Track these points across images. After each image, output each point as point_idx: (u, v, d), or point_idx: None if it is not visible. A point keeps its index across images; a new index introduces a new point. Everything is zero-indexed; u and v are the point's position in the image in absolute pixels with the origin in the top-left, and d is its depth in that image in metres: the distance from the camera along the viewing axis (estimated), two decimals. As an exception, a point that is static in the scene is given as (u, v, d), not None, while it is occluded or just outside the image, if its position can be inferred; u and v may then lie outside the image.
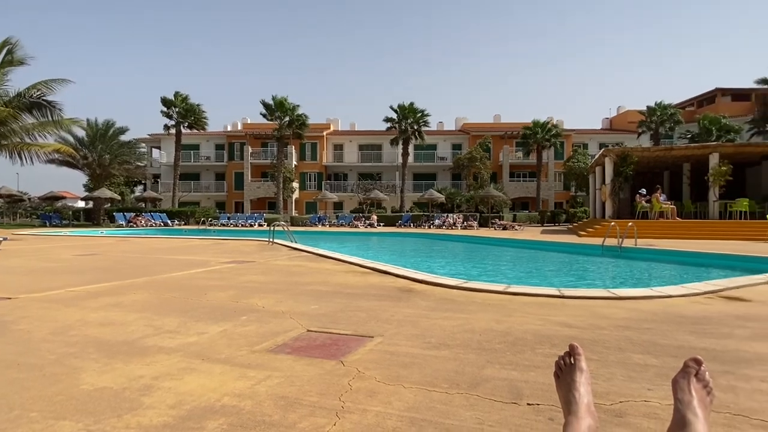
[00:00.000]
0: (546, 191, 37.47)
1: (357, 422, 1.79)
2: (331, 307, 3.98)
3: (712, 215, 17.28)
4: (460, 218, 26.51)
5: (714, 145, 18.11)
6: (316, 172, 41.25)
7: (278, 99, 32.03)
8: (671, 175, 23.34)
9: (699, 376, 1.03)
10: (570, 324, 3.39)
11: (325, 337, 3.03)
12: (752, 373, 2.34)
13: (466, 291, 4.81)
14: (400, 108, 32.92)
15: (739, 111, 34.39)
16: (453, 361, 2.55)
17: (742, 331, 3.16)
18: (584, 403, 1.05)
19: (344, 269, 6.75)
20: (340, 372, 2.36)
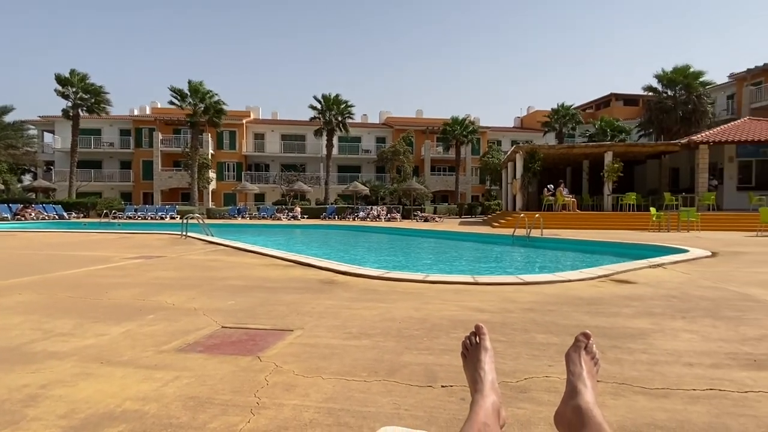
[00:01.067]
0: (464, 185, 39.23)
1: (272, 417, 1.74)
2: (249, 302, 3.83)
3: (606, 207, 19.23)
4: (384, 210, 26.91)
5: (608, 145, 20.12)
6: (235, 161, 39.37)
7: (193, 84, 30.02)
8: (573, 171, 25.58)
9: (588, 349, 1.13)
10: (483, 309, 3.59)
11: (241, 333, 2.91)
12: (634, 346, 2.64)
13: (388, 281, 4.90)
14: (324, 99, 32.48)
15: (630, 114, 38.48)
16: (373, 349, 2.58)
17: (627, 310, 3.56)
18: (489, 380, 1.11)
19: (265, 263, 6.54)
20: (256, 368, 2.28)
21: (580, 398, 1.00)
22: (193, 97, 30.12)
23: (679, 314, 3.41)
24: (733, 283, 4.73)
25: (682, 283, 4.78)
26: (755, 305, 3.73)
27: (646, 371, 2.25)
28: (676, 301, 3.85)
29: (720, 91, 30.63)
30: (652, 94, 27.67)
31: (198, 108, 30.39)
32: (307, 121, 35.55)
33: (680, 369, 2.28)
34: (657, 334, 2.90)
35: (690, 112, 25.82)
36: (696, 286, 4.61)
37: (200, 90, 30.07)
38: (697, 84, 25.98)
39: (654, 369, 2.28)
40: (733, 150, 19.46)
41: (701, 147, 17.95)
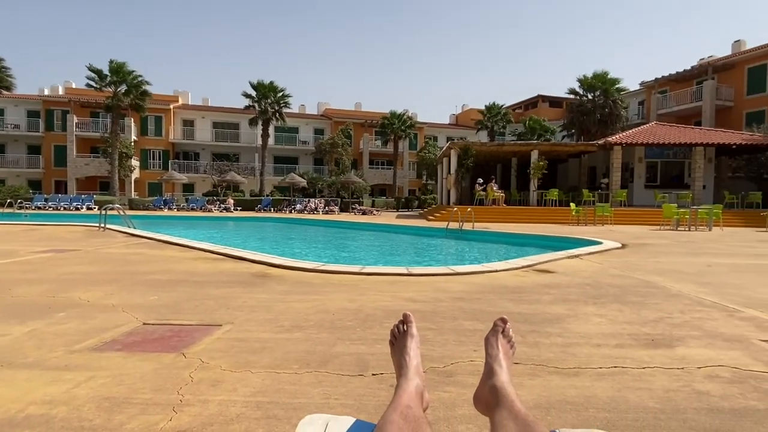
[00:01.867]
0: (401, 179, 39.83)
1: (197, 414, 1.68)
2: (175, 297, 3.65)
3: (532, 202, 20.43)
4: (322, 203, 26.65)
5: (535, 144, 21.37)
6: (161, 149, 36.94)
7: (115, 63, 27.68)
8: (503, 167, 26.87)
9: (504, 333, 1.21)
10: (415, 299, 3.69)
11: (164, 330, 2.76)
12: (551, 330, 2.85)
13: (323, 273, 4.87)
14: (259, 86, 31.31)
15: (555, 115, 41.03)
16: (305, 341, 2.57)
17: (546, 297, 3.82)
18: (413, 365, 1.15)
19: (193, 256, 6.24)
20: (180, 365, 2.18)
21: (496, 378, 1.06)
22: (114, 78, 27.80)
23: (591, 300, 3.72)
24: (638, 272, 5.24)
25: (595, 272, 5.22)
26: (655, 291, 4.16)
27: (560, 353, 2.44)
28: (589, 289, 4.20)
29: (633, 97, 33.59)
30: (574, 97, 29.68)
31: (119, 90, 28.12)
32: (242, 109, 34.19)
33: (590, 350, 2.50)
34: (571, 318, 3.14)
35: (607, 116, 28.03)
36: (607, 274, 5.05)
37: (122, 70, 27.82)
38: (614, 90, 28.25)
39: (567, 350, 2.48)
40: (642, 151, 21.43)
41: (615, 148, 19.58)
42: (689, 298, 3.86)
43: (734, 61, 27.07)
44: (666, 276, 5.00)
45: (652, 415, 1.74)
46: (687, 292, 4.10)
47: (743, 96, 26.51)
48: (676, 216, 13.94)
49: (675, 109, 29.14)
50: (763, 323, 3.11)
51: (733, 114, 26.74)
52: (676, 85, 30.12)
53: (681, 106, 28.80)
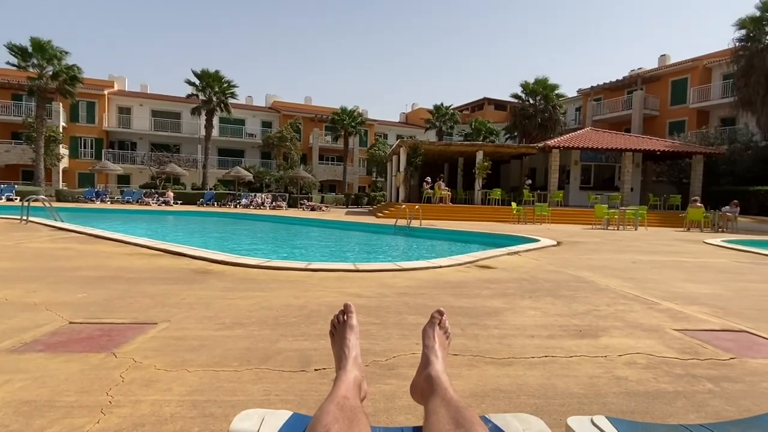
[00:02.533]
0: (351, 175, 39.71)
1: (127, 416, 1.60)
2: (106, 295, 3.44)
3: (476, 201, 21.11)
4: (269, 198, 26.02)
5: (480, 145, 22.06)
6: (93, 137, 34.42)
7: (37, 41, 25.35)
8: (450, 166, 27.55)
9: (441, 324, 1.26)
10: (361, 294, 3.71)
11: (93, 329, 2.60)
12: (489, 323, 2.98)
13: (268, 270, 4.78)
14: (203, 74, 29.91)
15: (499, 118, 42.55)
16: (246, 339, 2.51)
17: (487, 292, 3.98)
18: (352, 356, 1.17)
19: (127, 251, 5.90)
20: (110, 365, 2.07)
21: (431, 368, 1.10)
22: (39, 58, 25.52)
23: (527, 294, 3.92)
24: (570, 268, 5.58)
25: (532, 268, 5.50)
26: (585, 285, 4.45)
27: (496, 344, 2.56)
28: (525, 283, 4.42)
29: (571, 103, 35.55)
30: (517, 101, 30.96)
31: (45, 71, 25.86)
32: (183, 98, 32.54)
33: (524, 341, 2.64)
34: (508, 311, 3.30)
35: (547, 120, 29.48)
36: (542, 270, 5.33)
37: (48, 50, 25.55)
38: (553, 95, 29.74)
39: (503, 342, 2.60)
40: (578, 155, 22.74)
41: (554, 151, 20.65)
42: (615, 292, 4.16)
43: (660, 73, 29.38)
44: (595, 272, 5.36)
45: (576, 400, 1.87)
46: (613, 287, 4.42)
47: (667, 106, 28.85)
48: (606, 216, 14.95)
49: (608, 116, 31.21)
50: (677, 314, 3.42)
51: (658, 123, 29.04)
52: (609, 94, 32.23)
53: (613, 114, 30.89)
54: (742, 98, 20.69)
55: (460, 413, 0.88)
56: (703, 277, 5.31)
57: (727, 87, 24.65)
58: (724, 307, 3.68)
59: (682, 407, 1.84)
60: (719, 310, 3.60)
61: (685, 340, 2.76)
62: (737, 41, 20.64)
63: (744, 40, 20.41)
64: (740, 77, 20.61)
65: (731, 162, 21.59)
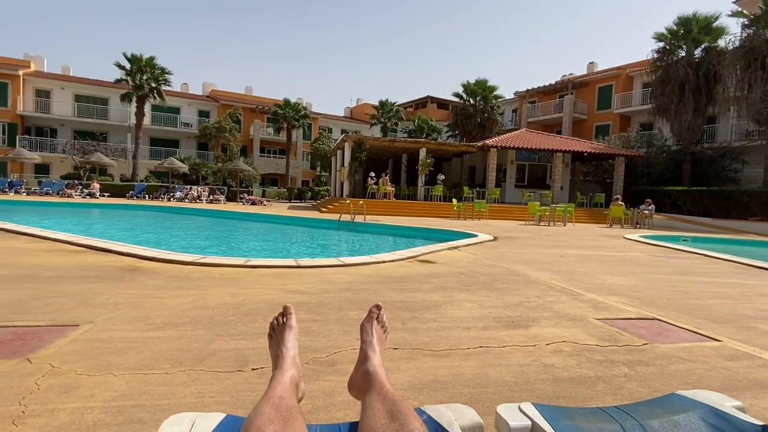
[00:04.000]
0: (294, 169, 38.95)
1: (43, 426, 1.48)
2: (19, 295, 3.14)
3: (419, 197, 21.51)
4: (206, 191, 24.91)
5: (423, 142, 22.46)
6: (6, 122, 31.08)
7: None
8: (394, 162, 27.83)
9: (378, 318, 1.27)
10: (302, 291, 3.67)
11: (4, 333, 2.37)
12: (429, 317, 3.05)
13: (203, 266, 4.59)
14: (134, 59, 27.99)
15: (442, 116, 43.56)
16: (179, 339, 2.40)
17: (427, 286, 4.08)
18: (290, 356, 1.16)
19: (45, 248, 5.42)
20: (23, 372, 1.90)
21: (369, 363, 1.12)
22: (-63, 31, 22.63)
23: (465, 287, 4.07)
24: (505, 262, 5.85)
25: (469, 262, 5.70)
26: (518, 278, 4.69)
27: (435, 336, 2.64)
28: (463, 277, 4.58)
29: (508, 104, 37.13)
30: (459, 100, 31.85)
31: (-56, 46, 22.98)
32: (112, 83, 30.27)
33: (460, 332, 2.74)
34: (447, 305, 3.40)
35: (486, 120, 30.60)
36: (479, 264, 5.55)
37: (-52, 22, 22.77)
38: (492, 97, 30.90)
39: (441, 334, 2.68)
40: (513, 154, 23.81)
41: (492, 150, 21.47)
42: (544, 284, 4.42)
43: (588, 80, 31.42)
44: (528, 265, 5.66)
45: (507, 388, 1.98)
46: (543, 279, 4.69)
47: (594, 110, 30.94)
48: (538, 213, 15.82)
49: (541, 118, 32.95)
50: (599, 304, 3.70)
51: (586, 126, 31.09)
52: (543, 97, 34.01)
53: (546, 116, 32.65)
54: (658, 106, 22.62)
55: (396, 406, 0.90)
56: (622, 269, 5.78)
57: (646, 95, 26.84)
58: (639, 297, 4.03)
59: (601, 391, 2.00)
60: (635, 300, 3.93)
61: (605, 329, 2.99)
62: (655, 53, 22.51)
63: (661, 52, 22.31)
64: (657, 86, 22.52)
65: (648, 164, 23.61)
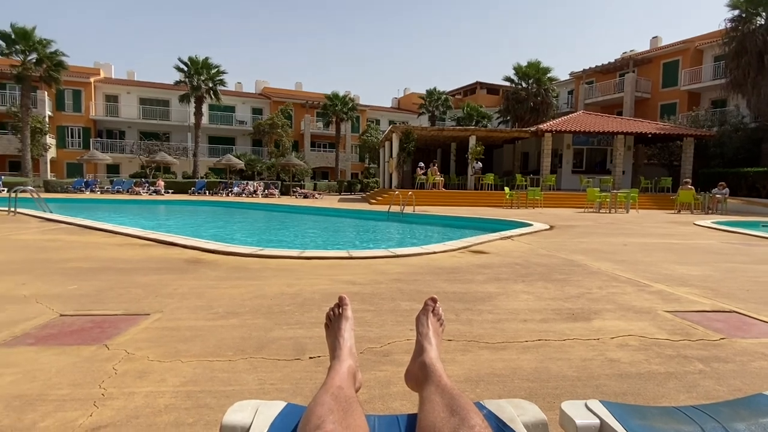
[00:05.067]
0: (344, 162, 39.51)
1: (120, 408, 1.59)
2: (97, 286, 3.40)
3: (469, 186, 21.12)
4: (261, 186, 25.84)
5: (473, 129, 21.99)
6: (81, 126, 33.81)
7: (19, 28, 24.70)
8: (442, 152, 27.46)
9: (434, 311, 1.25)
10: (355, 281, 3.71)
11: (85, 321, 2.58)
12: (483, 308, 2.99)
13: (261, 258, 4.76)
14: (191, 61, 29.41)
15: (492, 102, 42.38)
16: (240, 328, 2.50)
17: (480, 277, 3.99)
18: (347, 346, 1.16)
19: (118, 242, 5.84)
20: (102, 357, 2.05)
21: (426, 355, 1.10)
22: (23, 45, 24.86)
23: (520, 278, 3.94)
24: (563, 251, 5.61)
25: (524, 252, 5.52)
26: (577, 269, 4.48)
27: (490, 328, 2.57)
28: (518, 268, 4.44)
29: (563, 86, 35.43)
30: (510, 84, 30.78)
31: (28, 59, 25.23)
32: (172, 85, 31.97)
33: (517, 325, 2.65)
34: (502, 296, 3.31)
35: (539, 104, 29.38)
36: (535, 254, 5.36)
37: (31, 37, 24.90)
38: (546, 79, 29.59)
39: (497, 326, 2.61)
40: (570, 138, 22.75)
41: (546, 135, 20.63)
42: (607, 275, 4.20)
43: (651, 56, 29.31)
44: (588, 255, 5.39)
45: (570, 383, 1.89)
46: (605, 270, 4.45)
47: (659, 89, 28.86)
48: (598, 199, 15.04)
49: (600, 99, 31.17)
50: (668, 296, 3.46)
51: (650, 105, 29.08)
52: (601, 77, 32.14)
53: (605, 97, 30.85)
54: (733, 80, 20.71)
55: (455, 400, 0.88)
56: (693, 258, 5.37)
57: (718, 69, 24.66)
58: (714, 288, 3.73)
59: (674, 388, 1.87)
60: (709, 291, 3.64)
61: (676, 322, 2.79)
62: (729, 22, 20.58)
63: (736, 20, 20.36)
64: (731, 59, 20.61)
65: (721, 144, 21.73)
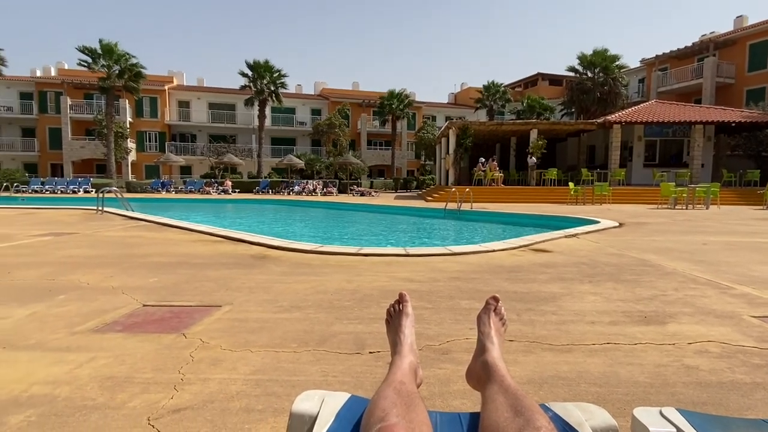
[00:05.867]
0: (400, 159, 39.64)
1: (197, 392, 1.72)
2: (174, 279, 3.68)
3: (530, 182, 20.40)
4: (320, 184, 26.58)
5: (534, 123, 21.20)
6: (157, 131, 36.60)
7: (106, 44, 27.14)
8: (501, 147, 26.73)
9: (496, 310, 1.23)
10: (412, 279, 3.72)
11: (164, 311, 2.80)
12: (546, 309, 2.89)
13: (321, 254, 4.90)
14: (255, 65, 30.83)
15: (554, 94, 40.63)
16: (304, 321, 2.60)
17: (542, 276, 3.86)
18: (408, 343, 1.18)
19: (192, 238, 6.26)
20: (180, 345, 2.22)
21: (488, 354, 1.09)
22: (107, 59, 27.30)
23: (587, 279, 3.76)
24: (634, 250, 5.28)
25: (591, 251, 5.26)
26: (650, 269, 4.20)
27: (554, 330, 2.48)
28: (585, 267, 4.24)
29: (633, 74, 33.20)
30: (574, 74, 29.33)
31: (112, 71, 27.66)
32: (237, 90, 33.71)
33: (583, 327, 2.54)
34: (566, 297, 3.18)
35: (606, 94, 27.76)
36: (603, 253, 5.08)
37: (114, 51, 27.29)
38: (614, 67, 27.90)
39: (561, 328, 2.52)
40: (641, 130, 21.31)
41: (615, 126, 19.46)
42: (683, 276, 3.90)
43: (736, 37, 26.68)
44: (661, 254, 5.04)
45: (642, 389, 1.79)
46: (681, 270, 4.14)
47: (744, 73, 26.22)
48: (673, 194, 13.96)
49: (675, 86, 28.85)
50: (755, 300, 3.16)
51: (734, 91, 26.50)
52: (676, 62, 29.75)
53: (681, 84, 28.50)
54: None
55: (519, 401, 0.87)
56: (787, 259, 4.85)
57: (818, 47, 21.98)
58: (812, 293, 3.35)
59: (762, 400, 1.71)
60: (807, 295, 3.27)
61: (764, 328, 2.54)
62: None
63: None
64: (835, 35, 18.28)
65: (821, 132, 19.36)
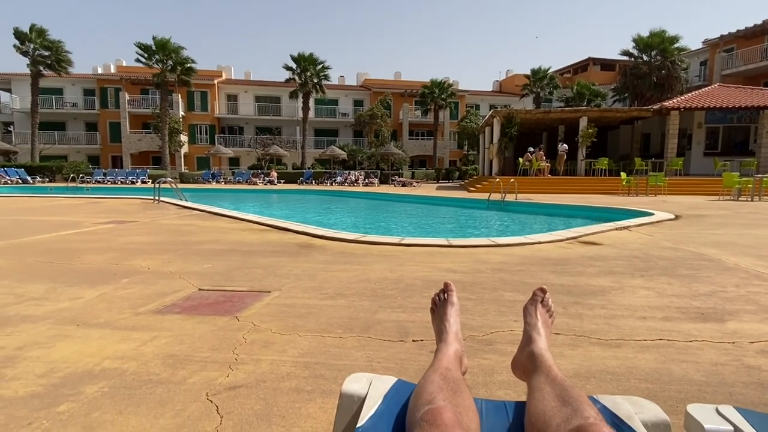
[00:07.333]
0: (442, 149, 39.23)
1: (250, 372, 1.82)
2: (226, 265, 3.86)
3: (579, 172, 19.64)
4: (362, 175, 26.82)
5: (584, 110, 20.33)
6: (207, 124, 38.11)
7: (159, 39, 28.45)
8: (549, 135, 25.84)
9: (543, 302, 1.22)
10: (455, 269, 3.72)
11: (218, 295, 2.95)
12: (594, 302, 2.81)
13: (364, 244, 4.98)
14: (299, 57, 31.35)
15: (606, 79, 38.70)
16: (348, 308, 2.67)
17: (591, 270, 3.74)
18: (453, 331, 1.19)
19: (241, 227, 6.52)
20: (234, 327, 2.34)
21: (534, 345, 1.09)
22: (160, 54, 28.63)
23: (639, 273, 3.61)
24: (691, 244, 5.00)
25: (644, 244, 5.02)
26: (709, 264, 3.97)
27: (603, 324, 2.42)
28: (637, 261, 4.07)
29: (693, 57, 30.98)
30: (628, 58, 27.79)
31: (166, 66, 28.98)
32: (282, 83, 34.50)
33: (634, 322, 2.46)
34: (616, 291, 3.08)
35: (664, 78, 26.15)
36: (657, 246, 4.85)
37: (168, 46, 28.57)
38: (673, 49, 26.19)
39: (610, 322, 2.45)
40: (702, 116, 19.95)
41: (672, 113, 18.33)
42: (746, 272, 3.66)
43: (816, 11, 24.27)
44: (722, 249, 4.74)
45: (696, 387, 1.72)
46: (744, 266, 3.89)
47: (824, 51, 23.88)
48: (737, 185, 13.00)
49: (742, 68, 26.68)
50: (829, 299, 2.92)
51: (811, 72, 24.21)
52: (744, 42, 27.46)
53: (749, 66, 26.30)
54: None
55: (566, 391, 0.87)
56: None
57: None
58: None
59: (835, 405, 1.60)
60: None
61: (840, 330, 2.35)
62: None
63: None
64: None
65: None
